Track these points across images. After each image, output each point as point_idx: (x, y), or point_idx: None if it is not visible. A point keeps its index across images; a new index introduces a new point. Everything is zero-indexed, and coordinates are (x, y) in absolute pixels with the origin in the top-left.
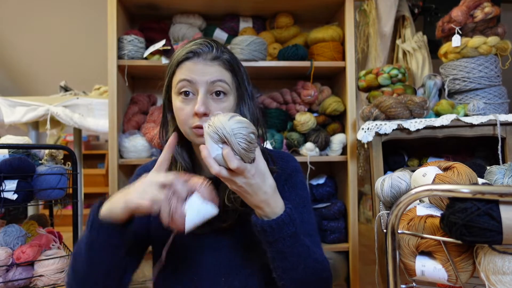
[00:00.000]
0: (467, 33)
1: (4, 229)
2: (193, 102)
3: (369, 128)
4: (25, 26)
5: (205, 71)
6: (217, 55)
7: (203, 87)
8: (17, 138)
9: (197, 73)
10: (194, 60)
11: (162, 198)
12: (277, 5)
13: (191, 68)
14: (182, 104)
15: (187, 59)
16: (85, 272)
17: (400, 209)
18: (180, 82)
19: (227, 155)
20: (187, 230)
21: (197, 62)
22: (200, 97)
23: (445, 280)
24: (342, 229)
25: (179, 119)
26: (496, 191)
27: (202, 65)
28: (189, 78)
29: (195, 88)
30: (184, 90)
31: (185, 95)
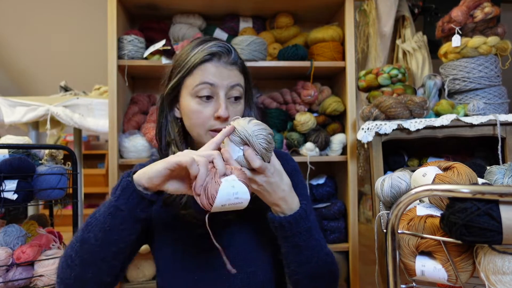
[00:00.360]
0: (467, 33)
1: (4, 229)
2: (212, 105)
3: (369, 128)
4: (25, 26)
5: (226, 75)
6: (235, 60)
7: (223, 91)
8: (17, 138)
9: (219, 77)
10: (214, 62)
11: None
12: (277, 5)
13: (213, 71)
14: (199, 106)
15: (207, 60)
16: (96, 244)
17: (400, 209)
18: (200, 85)
19: (250, 155)
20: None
21: (218, 65)
22: (223, 101)
23: (445, 280)
24: (342, 229)
25: (195, 121)
26: (496, 191)
27: (223, 68)
28: (211, 81)
29: (215, 91)
30: (206, 94)
31: (207, 98)
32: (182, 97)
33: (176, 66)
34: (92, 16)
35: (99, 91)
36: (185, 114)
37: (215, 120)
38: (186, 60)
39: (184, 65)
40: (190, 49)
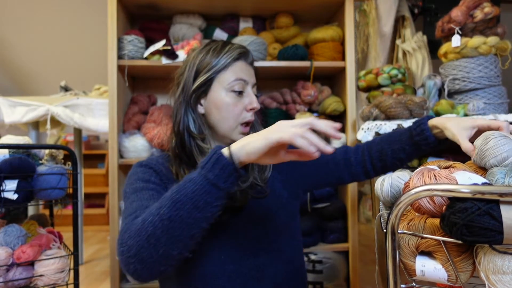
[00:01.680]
0: (466, 33)
1: (4, 229)
2: (243, 99)
3: (369, 128)
4: (26, 26)
5: (252, 74)
6: (253, 61)
7: (251, 87)
8: (17, 138)
9: (248, 74)
10: (244, 61)
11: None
12: (277, 5)
13: (244, 68)
14: (234, 100)
15: (238, 59)
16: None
17: (400, 209)
18: (236, 80)
19: None
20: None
21: (247, 64)
22: (253, 95)
23: (445, 280)
24: (342, 229)
25: (230, 114)
26: (496, 191)
27: (250, 67)
28: (245, 78)
29: (245, 87)
30: (240, 89)
31: (239, 93)
32: (212, 92)
33: (205, 64)
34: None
35: (99, 91)
36: (216, 108)
37: (247, 111)
38: (219, 58)
39: (217, 62)
40: (219, 49)
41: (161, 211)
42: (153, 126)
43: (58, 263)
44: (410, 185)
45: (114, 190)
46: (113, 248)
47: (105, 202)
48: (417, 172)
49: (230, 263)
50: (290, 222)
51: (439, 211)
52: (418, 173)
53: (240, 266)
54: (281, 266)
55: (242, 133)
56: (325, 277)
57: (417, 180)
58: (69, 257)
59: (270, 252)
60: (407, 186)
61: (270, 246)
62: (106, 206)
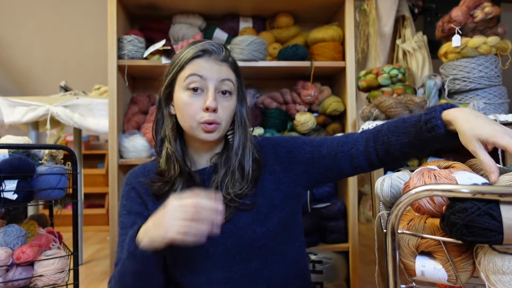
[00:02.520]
0: (467, 33)
1: (4, 229)
2: (202, 98)
3: (369, 128)
4: (25, 26)
5: (216, 70)
6: (226, 57)
7: (213, 84)
8: (17, 138)
9: (208, 70)
10: (205, 58)
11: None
12: (277, 5)
13: (203, 65)
14: (190, 99)
15: (199, 56)
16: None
17: (400, 209)
18: (190, 77)
19: None
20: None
21: (208, 60)
22: (211, 93)
23: (445, 280)
24: (342, 229)
25: (186, 113)
26: (496, 191)
27: (213, 63)
28: (200, 73)
29: (205, 84)
30: (194, 86)
31: (194, 90)
32: (175, 92)
33: (171, 64)
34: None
35: (99, 91)
36: (177, 108)
37: (204, 111)
38: (179, 57)
39: (177, 61)
40: (185, 48)
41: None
42: None
43: (57, 263)
44: (410, 185)
45: (114, 190)
46: (113, 248)
47: (105, 202)
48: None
49: (219, 270)
50: (289, 222)
51: (439, 211)
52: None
53: (230, 273)
54: (279, 268)
55: (206, 131)
56: (325, 277)
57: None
58: (69, 257)
59: (264, 255)
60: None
61: (263, 250)
62: (106, 206)
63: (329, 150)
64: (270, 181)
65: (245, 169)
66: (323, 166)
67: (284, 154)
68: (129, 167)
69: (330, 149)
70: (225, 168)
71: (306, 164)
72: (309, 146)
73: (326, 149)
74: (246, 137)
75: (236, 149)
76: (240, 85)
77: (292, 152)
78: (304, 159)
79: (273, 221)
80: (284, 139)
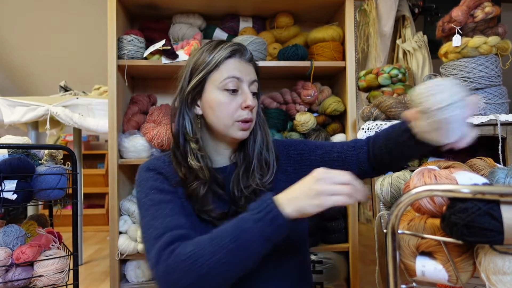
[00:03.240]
0: (467, 33)
1: (3, 229)
2: (237, 98)
3: (369, 128)
4: (25, 26)
5: (248, 71)
6: (251, 58)
7: (247, 84)
8: (17, 138)
9: (243, 72)
10: (237, 58)
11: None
12: (277, 5)
13: (237, 66)
14: (227, 98)
15: (230, 57)
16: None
17: (400, 209)
18: (228, 78)
19: None
20: None
21: (240, 61)
22: (248, 93)
23: (445, 281)
24: (342, 229)
25: (224, 112)
26: (496, 191)
27: (245, 64)
28: (238, 75)
29: (240, 85)
30: (232, 87)
31: (233, 91)
32: (207, 92)
33: (198, 64)
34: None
35: (99, 91)
36: (211, 108)
37: (242, 110)
38: (211, 58)
39: (209, 61)
40: (211, 49)
41: (217, 256)
42: (153, 126)
43: (57, 264)
44: (410, 185)
45: (113, 190)
46: (112, 248)
47: (105, 202)
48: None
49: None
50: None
51: (439, 211)
52: (418, 173)
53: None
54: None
55: (242, 129)
56: (325, 278)
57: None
58: (68, 257)
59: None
60: (407, 186)
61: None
62: (105, 206)
63: (339, 153)
64: (284, 181)
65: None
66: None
67: (295, 156)
68: (129, 167)
69: (340, 153)
70: (245, 164)
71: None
72: (320, 149)
73: (336, 153)
74: (268, 134)
75: (260, 146)
76: (259, 86)
77: (303, 154)
78: (315, 162)
79: None
80: (295, 142)
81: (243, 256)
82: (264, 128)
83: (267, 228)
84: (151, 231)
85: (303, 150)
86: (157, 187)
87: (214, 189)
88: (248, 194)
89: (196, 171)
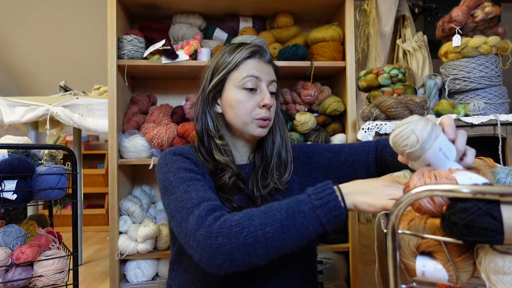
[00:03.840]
0: (467, 33)
1: (3, 229)
2: (256, 96)
3: (369, 128)
4: (25, 26)
5: (267, 71)
6: (270, 60)
7: (265, 84)
8: (17, 138)
9: (262, 72)
10: (256, 59)
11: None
12: (277, 5)
13: (257, 66)
14: (246, 97)
15: (250, 57)
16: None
17: (401, 209)
18: (247, 77)
19: None
20: None
21: (260, 61)
22: (266, 92)
23: (445, 280)
24: (342, 229)
25: (243, 110)
26: (497, 191)
27: (264, 64)
28: (257, 74)
29: (259, 84)
30: (251, 86)
31: (251, 90)
32: (226, 91)
33: (219, 65)
34: (92, 16)
35: (98, 91)
36: (230, 106)
37: (260, 108)
38: (231, 58)
39: (229, 61)
40: (232, 50)
41: (266, 229)
42: (153, 126)
43: (57, 264)
44: (410, 185)
45: (113, 190)
46: (112, 249)
47: (105, 202)
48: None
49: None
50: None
51: (439, 211)
52: (418, 173)
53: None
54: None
55: (260, 126)
56: (326, 278)
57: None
58: (68, 257)
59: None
60: (407, 186)
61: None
62: (105, 207)
63: (347, 157)
64: (296, 182)
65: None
66: (340, 172)
67: (304, 159)
68: (129, 167)
69: (348, 156)
70: (263, 164)
71: (325, 169)
72: (328, 153)
73: (344, 156)
74: (286, 135)
75: (278, 147)
76: (278, 87)
77: (311, 157)
78: (323, 165)
79: None
80: (304, 145)
81: (292, 236)
82: (283, 129)
83: (325, 216)
84: (185, 202)
85: (312, 154)
86: (185, 168)
87: (237, 182)
88: (265, 194)
89: (223, 165)
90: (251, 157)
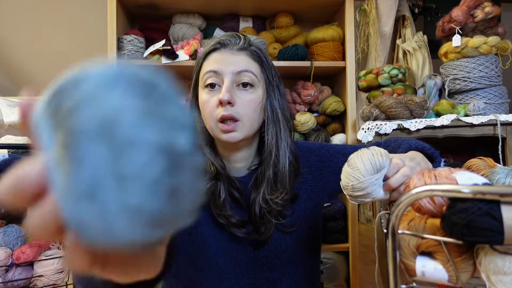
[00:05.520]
0: (467, 33)
1: (3, 229)
2: (218, 93)
3: (369, 128)
4: (25, 25)
5: (232, 61)
6: (244, 46)
7: (229, 77)
8: (17, 138)
9: (223, 63)
10: (221, 50)
11: None
12: (277, 5)
13: (218, 58)
14: (207, 96)
15: (214, 50)
16: None
17: (401, 209)
18: (206, 74)
19: None
20: None
21: (224, 52)
22: (225, 85)
23: (445, 281)
24: (342, 229)
25: (205, 113)
26: (497, 191)
27: (229, 54)
28: (215, 69)
29: (221, 79)
30: (210, 82)
31: (211, 87)
32: (199, 93)
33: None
34: (92, 16)
35: None
36: (200, 109)
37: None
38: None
39: (198, 59)
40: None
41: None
42: None
43: (57, 264)
44: (410, 185)
45: None
46: None
47: None
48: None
49: (245, 277)
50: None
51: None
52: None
53: (254, 279)
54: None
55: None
56: (325, 278)
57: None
58: None
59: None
60: (407, 186)
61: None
62: None
63: None
64: (303, 191)
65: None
66: None
67: (316, 163)
68: None
69: None
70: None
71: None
72: (341, 155)
73: None
74: (280, 134)
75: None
76: (267, 75)
77: (325, 161)
78: (337, 169)
79: (303, 232)
80: (316, 147)
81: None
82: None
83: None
84: None
85: (325, 157)
86: None
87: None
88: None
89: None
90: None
